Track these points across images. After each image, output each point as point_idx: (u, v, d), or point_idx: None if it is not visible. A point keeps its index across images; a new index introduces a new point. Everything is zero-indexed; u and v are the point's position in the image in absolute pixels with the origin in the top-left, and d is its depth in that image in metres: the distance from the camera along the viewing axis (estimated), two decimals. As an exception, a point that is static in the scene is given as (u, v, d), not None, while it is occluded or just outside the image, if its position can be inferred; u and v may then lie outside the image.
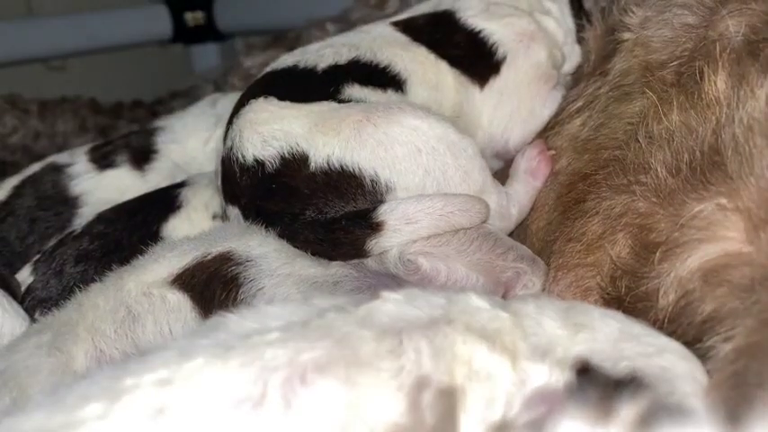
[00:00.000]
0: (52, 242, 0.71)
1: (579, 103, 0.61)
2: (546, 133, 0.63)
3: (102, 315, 0.48)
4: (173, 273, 0.50)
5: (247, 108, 0.58)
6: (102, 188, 0.74)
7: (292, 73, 0.61)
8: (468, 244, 0.53)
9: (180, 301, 0.49)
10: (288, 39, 1.01)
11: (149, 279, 0.50)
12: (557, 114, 0.64)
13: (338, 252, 0.52)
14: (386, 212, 0.51)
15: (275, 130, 0.55)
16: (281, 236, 0.53)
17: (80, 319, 0.48)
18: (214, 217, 0.66)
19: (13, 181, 0.76)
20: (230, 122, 0.59)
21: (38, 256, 0.65)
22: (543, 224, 0.58)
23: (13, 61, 1.59)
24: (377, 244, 0.51)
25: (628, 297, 0.45)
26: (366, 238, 0.51)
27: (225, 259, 0.51)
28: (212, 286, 0.49)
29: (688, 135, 0.49)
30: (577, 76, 0.68)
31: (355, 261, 0.53)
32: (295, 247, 0.53)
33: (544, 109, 0.66)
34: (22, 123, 1.18)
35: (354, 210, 0.52)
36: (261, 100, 0.58)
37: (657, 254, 0.44)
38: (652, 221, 0.46)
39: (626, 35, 0.60)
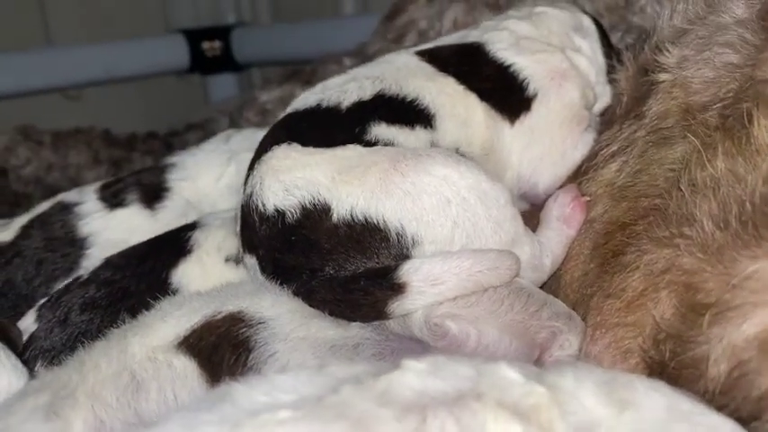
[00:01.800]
0: (59, 285, 0.69)
1: (614, 148, 0.58)
2: (579, 178, 0.60)
3: (104, 380, 0.45)
4: (179, 335, 0.47)
5: (270, 154, 0.55)
6: (111, 228, 0.72)
7: (315, 114, 0.58)
8: (500, 303, 0.49)
9: (186, 367, 0.45)
10: (304, 73, 0.99)
11: (155, 342, 0.47)
12: (589, 159, 0.60)
13: (357, 314, 0.49)
14: (409, 272, 0.48)
15: (297, 178, 0.52)
16: (297, 294, 0.50)
17: (80, 382, 0.44)
18: (227, 260, 0.63)
19: (22, 220, 0.74)
20: (251, 168, 0.56)
21: (42, 301, 0.62)
22: (578, 275, 0.54)
23: (31, 91, 1.59)
24: (399, 306, 0.48)
25: (673, 363, 0.41)
26: (387, 300, 0.48)
27: (235, 320, 0.47)
28: (221, 350, 0.46)
29: (736, 184, 0.45)
30: (609, 119, 0.64)
31: (377, 322, 0.49)
32: (311, 306, 0.49)
33: (575, 151, 0.62)
34: (35, 155, 1.17)
35: (376, 267, 0.49)
36: (284, 146, 0.55)
37: (707, 317, 0.40)
38: (699, 280, 0.42)
39: (662, 76, 0.57)
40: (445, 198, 0.51)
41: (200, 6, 1.87)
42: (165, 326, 0.47)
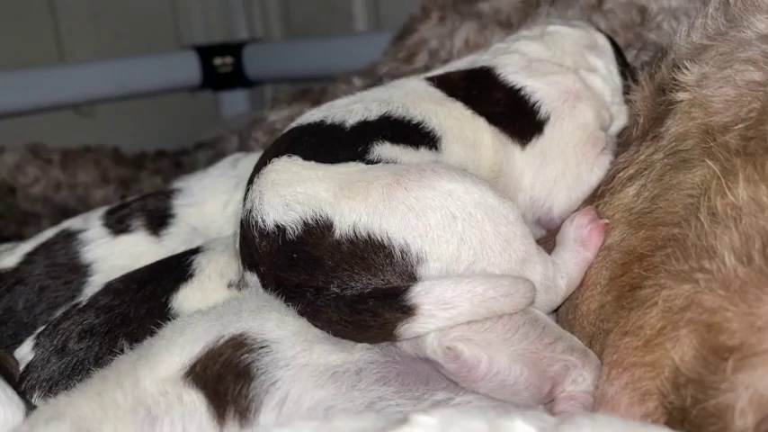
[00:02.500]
0: (59, 313, 0.67)
1: (631, 171, 0.55)
2: (595, 202, 0.57)
3: (123, 416, 0.44)
4: (185, 364, 0.46)
5: (269, 167, 0.53)
6: (115, 255, 0.70)
7: (318, 129, 0.57)
8: (514, 331, 0.47)
9: (195, 401, 0.44)
10: (313, 93, 0.97)
11: (164, 373, 0.45)
12: (606, 182, 0.58)
13: (365, 335, 0.47)
14: (419, 295, 0.46)
15: (298, 193, 0.50)
16: (302, 313, 0.48)
17: (103, 418, 0.44)
18: (229, 285, 0.61)
19: (27, 247, 0.73)
20: (251, 182, 0.55)
21: (40, 329, 0.61)
22: (595, 307, 0.52)
23: (44, 107, 1.60)
24: (408, 329, 0.46)
25: (694, 410, 0.39)
26: (396, 323, 0.46)
27: (237, 345, 0.46)
28: (225, 381, 0.44)
29: (759, 213, 0.43)
30: (625, 140, 0.62)
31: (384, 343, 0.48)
32: (317, 326, 0.48)
33: (591, 174, 0.60)
34: (44, 173, 1.16)
35: (383, 286, 0.47)
36: (284, 159, 0.53)
37: (730, 362, 0.38)
38: (721, 320, 0.40)
39: (680, 95, 0.55)
40: (450, 214, 0.49)
41: (212, 22, 1.88)
42: (170, 355, 0.46)
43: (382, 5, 1.67)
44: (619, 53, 0.71)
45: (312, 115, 0.59)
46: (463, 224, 0.49)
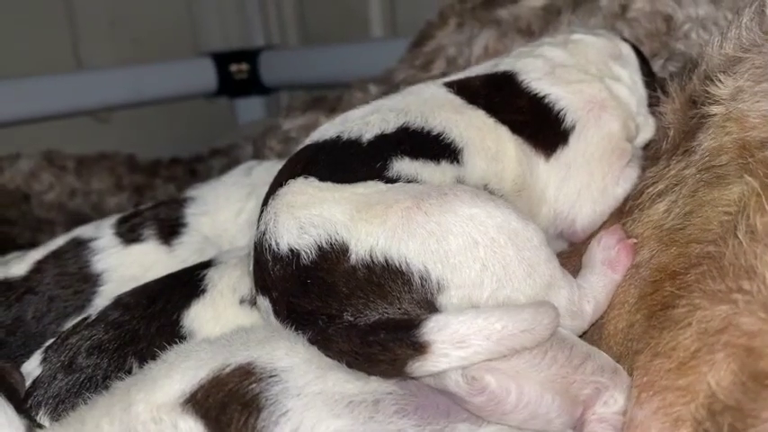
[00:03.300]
0: (70, 323, 0.66)
1: (661, 186, 0.53)
2: (623, 218, 0.55)
3: None
4: (186, 391, 0.43)
5: (285, 189, 0.51)
6: (126, 265, 0.69)
7: (335, 147, 0.55)
8: (542, 356, 0.45)
9: (191, 430, 0.42)
10: (328, 101, 0.96)
11: (160, 399, 0.43)
12: (634, 197, 0.56)
13: (375, 369, 0.45)
14: (433, 331, 0.43)
15: (314, 215, 0.48)
16: (313, 342, 0.46)
17: None
18: (242, 302, 0.59)
19: (37, 255, 0.71)
20: (265, 203, 0.53)
21: (49, 342, 0.59)
22: (623, 326, 0.49)
23: (61, 114, 1.60)
24: (420, 368, 0.43)
25: (733, 439, 0.37)
26: (407, 360, 0.43)
27: (245, 373, 0.43)
28: (229, 410, 0.42)
29: (801, 232, 0.41)
30: (654, 154, 0.60)
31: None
32: (328, 356, 0.45)
33: (617, 187, 0.58)
34: (59, 180, 1.16)
35: (397, 316, 0.45)
36: (300, 180, 0.51)
37: (773, 389, 0.35)
38: (762, 344, 0.38)
39: (714, 108, 0.52)
40: (472, 239, 0.47)
41: (228, 29, 1.87)
42: (169, 381, 0.44)
43: (399, 12, 1.65)
44: (644, 62, 0.69)
45: (328, 130, 0.57)
46: (485, 250, 0.46)
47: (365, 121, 0.56)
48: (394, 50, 1.07)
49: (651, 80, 0.67)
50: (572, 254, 0.58)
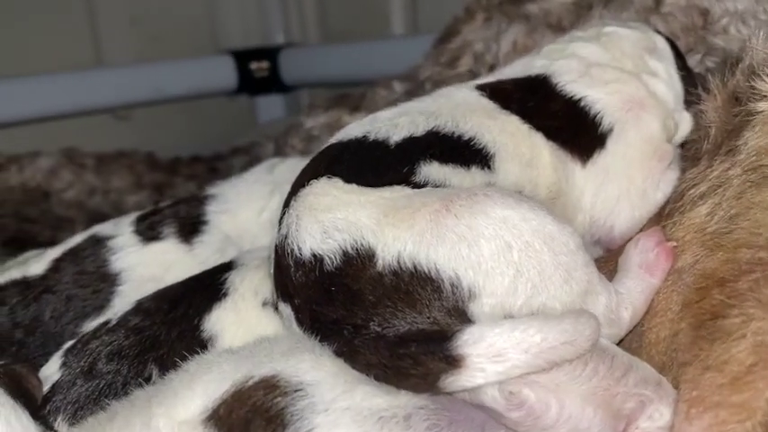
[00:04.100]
0: (89, 323, 0.65)
1: (703, 188, 0.50)
2: (662, 222, 0.53)
3: None
4: (208, 406, 0.41)
5: (307, 190, 0.49)
6: (145, 264, 0.67)
7: (361, 147, 0.52)
8: (582, 368, 0.42)
9: None
10: (352, 98, 0.93)
11: (182, 416, 0.41)
12: (674, 200, 0.53)
13: (405, 384, 0.42)
14: (467, 344, 0.41)
15: (338, 219, 0.46)
16: (339, 354, 0.44)
17: None
18: (264, 304, 0.58)
19: (55, 253, 0.70)
20: (287, 204, 0.50)
21: (68, 345, 0.58)
22: (666, 334, 0.47)
23: (82, 111, 1.59)
24: (454, 383, 0.41)
25: (794, 461, 0.34)
26: (440, 374, 0.41)
27: (269, 387, 0.41)
28: (253, 427, 0.40)
29: None
30: (694, 155, 0.57)
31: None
32: (355, 369, 0.43)
33: (657, 192, 0.55)
34: (78, 178, 1.15)
35: (428, 327, 0.42)
36: (323, 180, 0.49)
37: (839, 408, 0.33)
38: (825, 359, 0.35)
39: (761, 105, 0.50)
40: (506, 243, 0.44)
41: (248, 27, 1.86)
42: (191, 395, 0.42)
43: (420, 8, 1.63)
44: (679, 56, 0.66)
45: (354, 129, 0.55)
46: (520, 254, 0.44)
47: (393, 122, 0.54)
48: (415, 47, 1.05)
49: (688, 75, 0.64)
50: (608, 259, 0.56)
